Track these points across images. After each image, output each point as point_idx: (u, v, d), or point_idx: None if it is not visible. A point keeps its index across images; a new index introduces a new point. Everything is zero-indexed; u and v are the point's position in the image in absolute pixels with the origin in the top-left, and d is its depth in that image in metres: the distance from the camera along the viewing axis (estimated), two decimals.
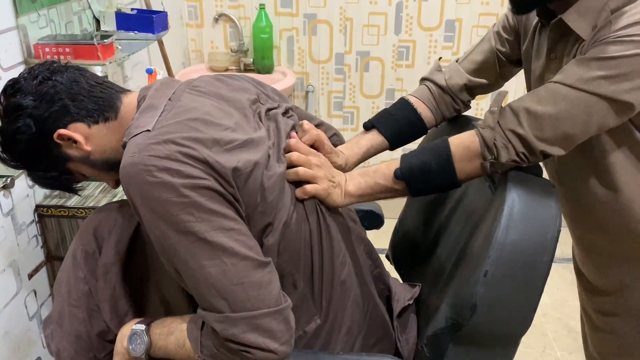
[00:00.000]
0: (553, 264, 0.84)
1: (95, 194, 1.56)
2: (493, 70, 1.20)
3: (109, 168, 1.00)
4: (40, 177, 1.03)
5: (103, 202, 1.52)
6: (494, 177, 1.01)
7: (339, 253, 1.01)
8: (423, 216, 1.25)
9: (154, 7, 2.02)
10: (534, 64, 1.09)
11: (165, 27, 1.77)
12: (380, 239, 1.16)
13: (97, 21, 1.71)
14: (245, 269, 0.84)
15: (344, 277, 1.02)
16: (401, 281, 1.22)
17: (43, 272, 1.54)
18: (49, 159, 0.99)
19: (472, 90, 1.22)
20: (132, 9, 1.79)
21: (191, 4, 2.48)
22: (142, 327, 0.96)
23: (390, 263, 1.35)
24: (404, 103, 1.20)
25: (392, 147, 1.19)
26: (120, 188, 0.97)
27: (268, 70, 2.50)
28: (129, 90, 1.03)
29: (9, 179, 1.30)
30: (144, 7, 2.00)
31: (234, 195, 0.86)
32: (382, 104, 2.59)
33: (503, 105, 0.95)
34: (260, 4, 2.39)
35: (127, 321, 1.02)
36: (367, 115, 2.60)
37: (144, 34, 1.71)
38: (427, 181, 0.98)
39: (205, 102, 0.96)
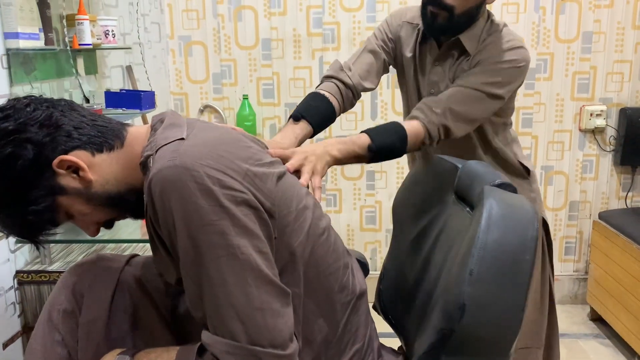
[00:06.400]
0: None
1: (78, 259, 1.54)
2: (380, 74, 1.55)
3: (106, 203, 0.92)
4: (12, 215, 0.87)
5: None
6: (473, 203, 1.05)
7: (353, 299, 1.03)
8: (407, 255, 1.25)
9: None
10: (420, 69, 1.53)
11: (152, 105, 1.85)
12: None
13: (87, 100, 1.80)
14: (268, 294, 0.82)
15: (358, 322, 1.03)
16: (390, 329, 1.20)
17: (19, 342, 1.47)
18: (38, 191, 0.86)
19: (365, 90, 1.53)
20: (120, 89, 1.88)
21: (177, 97, 2.61)
22: (126, 358, 0.91)
23: (378, 313, 1.33)
24: (322, 98, 1.43)
25: (314, 134, 1.41)
26: (101, 233, 0.93)
27: None
28: (129, 124, 0.98)
29: None
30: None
31: (269, 211, 0.85)
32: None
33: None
34: (243, 95, 2.52)
35: None
36: (349, 196, 2.66)
37: (131, 110, 1.79)
38: (387, 155, 1.31)
39: (222, 130, 0.96)
